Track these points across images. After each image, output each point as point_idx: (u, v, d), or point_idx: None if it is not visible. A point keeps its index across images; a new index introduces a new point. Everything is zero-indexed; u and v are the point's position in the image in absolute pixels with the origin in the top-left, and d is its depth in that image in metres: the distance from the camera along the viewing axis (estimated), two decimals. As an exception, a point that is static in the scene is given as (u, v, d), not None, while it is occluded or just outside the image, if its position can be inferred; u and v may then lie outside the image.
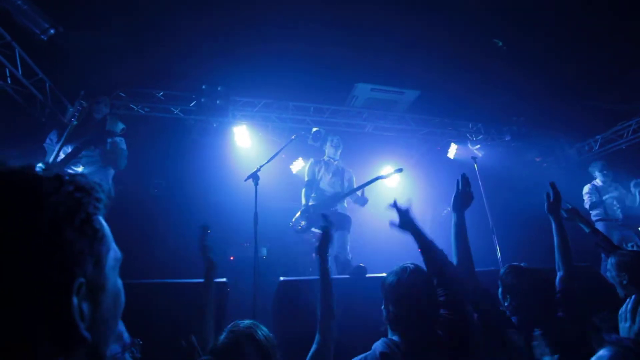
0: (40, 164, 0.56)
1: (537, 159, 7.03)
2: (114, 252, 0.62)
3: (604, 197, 5.01)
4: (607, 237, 2.62)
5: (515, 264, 1.94)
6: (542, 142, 6.57)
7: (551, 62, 4.84)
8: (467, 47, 4.64)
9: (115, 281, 0.62)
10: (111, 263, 0.60)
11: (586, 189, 5.11)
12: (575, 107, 5.80)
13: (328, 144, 4.56)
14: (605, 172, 5.10)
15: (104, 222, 0.60)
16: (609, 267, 2.11)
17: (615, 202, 4.97)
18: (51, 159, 3.27)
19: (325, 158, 4.55)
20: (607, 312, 2.07)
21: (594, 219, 5.01)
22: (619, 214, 4.92)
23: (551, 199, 2.11)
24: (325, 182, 4.33)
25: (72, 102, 4.62)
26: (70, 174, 0.56)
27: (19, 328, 0.45)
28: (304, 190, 4.32)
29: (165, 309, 2.19)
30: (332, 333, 1.53)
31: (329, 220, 1.81)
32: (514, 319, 1.71)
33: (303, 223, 3.87)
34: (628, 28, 4.17)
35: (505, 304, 1.76)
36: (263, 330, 1.36)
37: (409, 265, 1.54)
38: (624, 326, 1.65)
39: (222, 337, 1.33)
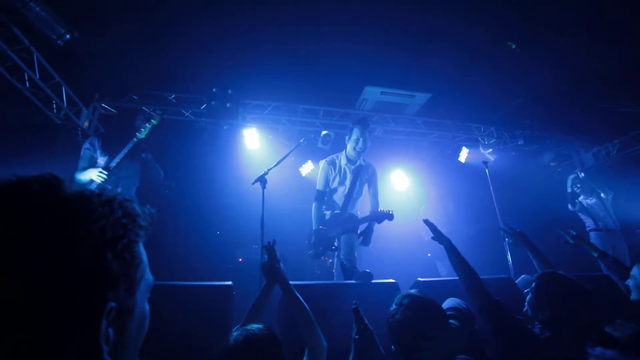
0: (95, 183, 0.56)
1: (552, 164, 6.87)
2: (146, 279, 0.63)
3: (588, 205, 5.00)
4: (617, 260, 2.52)
5: (550, 270, 1.80)
6: (557, 146, 6.42)
7: (566, 63, 4.72)
8: (479, 49, 4.57)
9: (143, 306, 0.62)
10: (143, 289, 0.61)
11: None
12: (592, 110, 5.65)
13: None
14: (578, 185, 5.06)
15: (142, 249, 0.61)
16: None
17: (599, 210, 4.94)
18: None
19: (343, 159, 3.69)
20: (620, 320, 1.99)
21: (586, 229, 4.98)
22: (608, 222, 4.87)
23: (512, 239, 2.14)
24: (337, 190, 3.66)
25: (86, 104, 4.74)
26: (120, 199, 0.58)
27: (48, 346, 0.45)
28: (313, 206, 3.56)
29: (170, 311, 2.19)
30: (321, 342, 1.52)
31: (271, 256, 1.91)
32: (547, 333, 1.54)
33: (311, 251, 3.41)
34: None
35: (540, 317, 1.59)
36: (272, 333, 1.37)
37: (404, 299, 1.46)
38: None
39: (232, 337, 1.33)
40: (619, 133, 5.92)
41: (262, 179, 3.07)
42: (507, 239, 2.14)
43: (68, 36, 3.66)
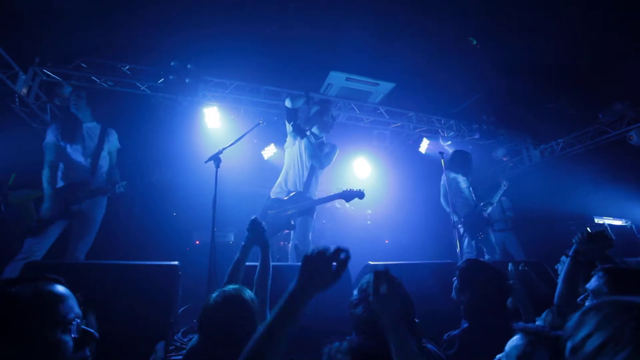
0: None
1: (505, 159, 7.28)
2: None
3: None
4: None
5: (472, 258, 1.95)
6: (509, 142, 6.80)
7: (523, 63, 4.96)
8: (444, 43, 4.67)
9: None
10: None
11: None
12: (542, 110, 6.02)
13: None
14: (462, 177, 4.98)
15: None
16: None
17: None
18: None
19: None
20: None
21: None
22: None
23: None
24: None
25: (25, 69, 4.29)
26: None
27: None
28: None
29: (117, 290, 2.12)
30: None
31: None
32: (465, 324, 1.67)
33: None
34: (589, 36, 4.34)
35: (462, 298, 1.74)
36: (249, 293, 1.52)
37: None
38: None
39: (212, 298, 1.45)
40: (564, 133, 6.38)
41: (216, 158, 2.96)
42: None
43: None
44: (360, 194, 3.37)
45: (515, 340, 0.94)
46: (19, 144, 4.04)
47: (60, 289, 0.87)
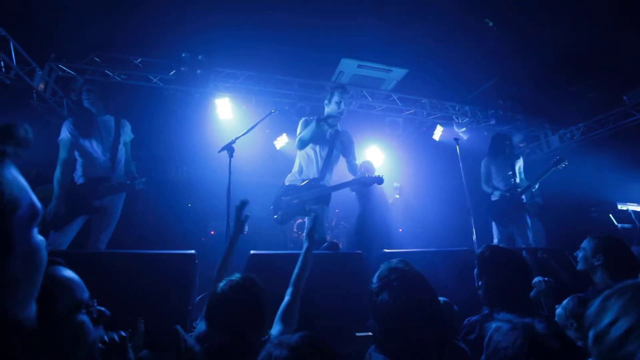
0: None
1: (521, 145, 7.08)
2: (25, 209, 0.56)
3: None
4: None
5: (493, 244, 1.92)
6: (526, 128, 6.60)
7: (540, 45, 4.77)
8: (458, 25, 4.52)
9: (29, 240, 0.56)
10: (20, 222, 0.54)
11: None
12: (561, 94, 5.80)
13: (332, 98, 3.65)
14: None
15: (12, 172, 0.55)
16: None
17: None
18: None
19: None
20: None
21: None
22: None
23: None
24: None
25: (41, 65, 4.37)
26: None
27: None
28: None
29: (135, 278, 2.17)
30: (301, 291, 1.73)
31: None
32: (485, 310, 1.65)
33: (277, 215, 3.41)
34: (611, 13, 4.12)
35: (480, 283, 1.72)
36: (254, 281, 1.50)
37: (396, 280, 1.29)
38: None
39: (219, 287, 1.45)
40: (584, 117, 6.15)
41: (229, 147, 2.97)
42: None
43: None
44: (379, 180, 3.34)
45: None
46: (39, 139, 4.10)
47: (69, 272, 0.90)
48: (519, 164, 4.84)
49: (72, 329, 0.81)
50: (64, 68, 4.56)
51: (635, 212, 5.05)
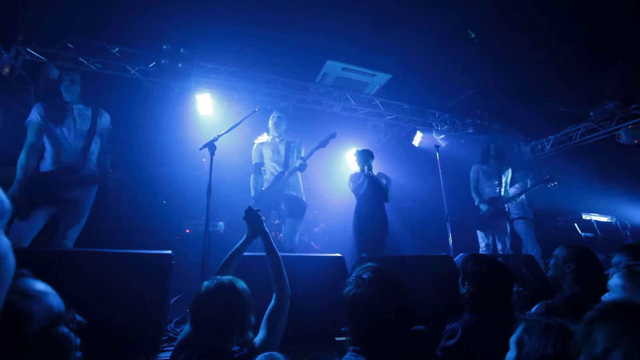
0: None
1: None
2: None
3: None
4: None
5: (475, 253, 1.97)
6: (501, 138, 6.85)
7: (517, 60, 4.97)
8: (442, 35, 4.63)
9: None
10: None
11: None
12: (534, 107, 6.07)
13: (270, 121, 4.30)
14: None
15: None
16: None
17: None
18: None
19: (269, 138, 4.31)
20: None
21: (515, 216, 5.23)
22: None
23: None
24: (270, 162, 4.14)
25: (7, 48, 4.10)
26: None
27: None
28: (252, 177, 4.17)
29: (110, 279, 2.06)
30: (286, 290, 1.72)
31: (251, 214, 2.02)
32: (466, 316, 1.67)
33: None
34: (584, 35, 4.38)
35: (464, 291, 1.76)
36: (241, 283, 1.51)
37: (367, 272, 1.32)
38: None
39: (204, 285, 1.46)
40: (554, 130, 6.46)
41: (210, 145, 2.90)
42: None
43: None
44: (332, 135, 3.94)
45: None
46: None
47: (40, 284, 0.83)
48: (508, 174, 5.07)
49: (55, 344, 0.77)
50: (33, 52, 4.30)
51: (597, 221, 5.35)
